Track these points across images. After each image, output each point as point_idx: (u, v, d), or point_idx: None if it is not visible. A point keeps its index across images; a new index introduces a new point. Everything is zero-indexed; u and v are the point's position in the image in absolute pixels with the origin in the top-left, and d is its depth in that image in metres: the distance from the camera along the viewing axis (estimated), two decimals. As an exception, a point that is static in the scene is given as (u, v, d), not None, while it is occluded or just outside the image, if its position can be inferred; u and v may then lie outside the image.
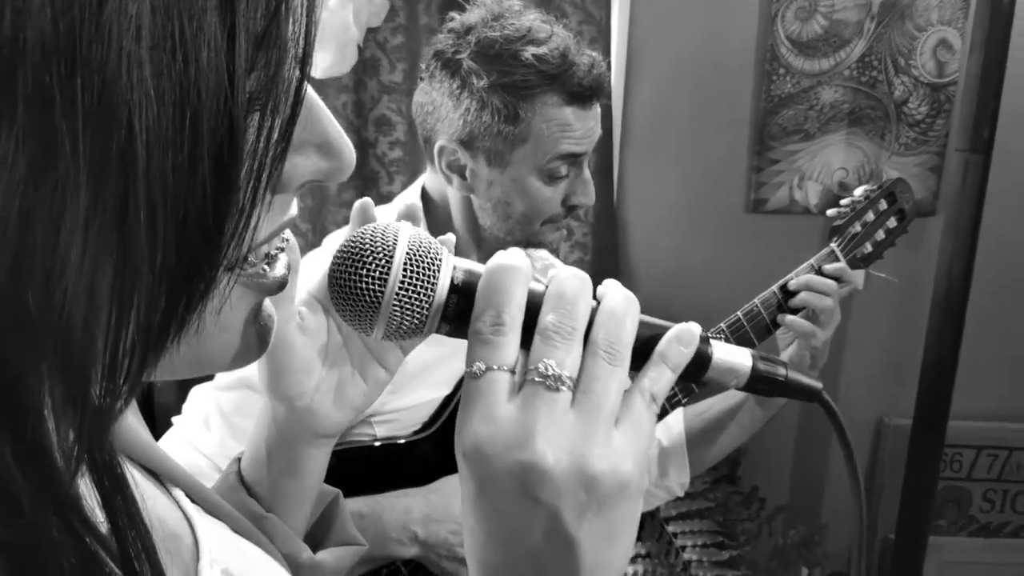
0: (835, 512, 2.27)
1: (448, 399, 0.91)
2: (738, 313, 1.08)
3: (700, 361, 0.42)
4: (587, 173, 0.92)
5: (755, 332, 1.05)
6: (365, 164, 2.01)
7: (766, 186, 2.06)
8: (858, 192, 1.12)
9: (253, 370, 0.82)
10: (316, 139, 0.33)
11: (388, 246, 0.39)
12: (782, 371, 0.44)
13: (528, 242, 0.92)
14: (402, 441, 0.88)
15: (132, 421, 0.44)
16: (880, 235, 1.13)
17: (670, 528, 1.52)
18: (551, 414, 0.37)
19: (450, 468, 0.92)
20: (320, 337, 0.54)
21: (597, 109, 0.92)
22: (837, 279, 1.04)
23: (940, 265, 1.85)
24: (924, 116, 1.99)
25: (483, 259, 1.02)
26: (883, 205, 1.13)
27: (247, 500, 0.57)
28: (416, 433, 0.89)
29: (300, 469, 0.57)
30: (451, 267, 0.42)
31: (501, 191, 0.91)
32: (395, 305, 0.39)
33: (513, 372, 0.39)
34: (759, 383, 0.43)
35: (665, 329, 0.41)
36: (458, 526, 0.83)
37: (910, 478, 1.97)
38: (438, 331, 0.43)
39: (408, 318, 0.40)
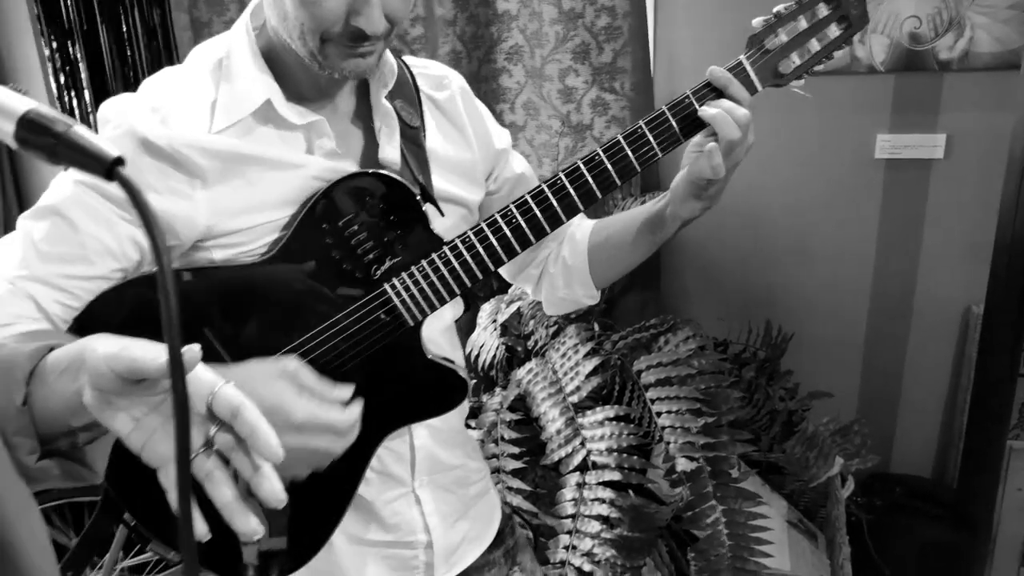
0: (910, 414, 2.04)
1: (294, 217, 0.88)
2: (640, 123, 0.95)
3: None
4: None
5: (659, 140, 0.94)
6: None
7: (825, 44, 1.81)
8: None
9: (62, 196, 0.85)
10: None
11: None
12: (61, 127, 0.44)
13: (320, 65, 0.84)
14: (247, 262, 0.86)
15: None
16: (813, 46, 0.96)
17: (648, 394, 1.42)
18: None
19: (295, 292, 0.90)
20: None
21: None
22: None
23: (1019, 121, 1.56)
24: (1021, -55, 1.65)
25: (312, 94, 0.91)
26: (823, 11, 0.95)
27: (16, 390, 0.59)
28: (263, 256, 0.88)
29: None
30: None
31: None
32: None
33: None
34: (37, 133, 0.44)
35: None
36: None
37: (982, 372, 1.72)
38: None
39: None
